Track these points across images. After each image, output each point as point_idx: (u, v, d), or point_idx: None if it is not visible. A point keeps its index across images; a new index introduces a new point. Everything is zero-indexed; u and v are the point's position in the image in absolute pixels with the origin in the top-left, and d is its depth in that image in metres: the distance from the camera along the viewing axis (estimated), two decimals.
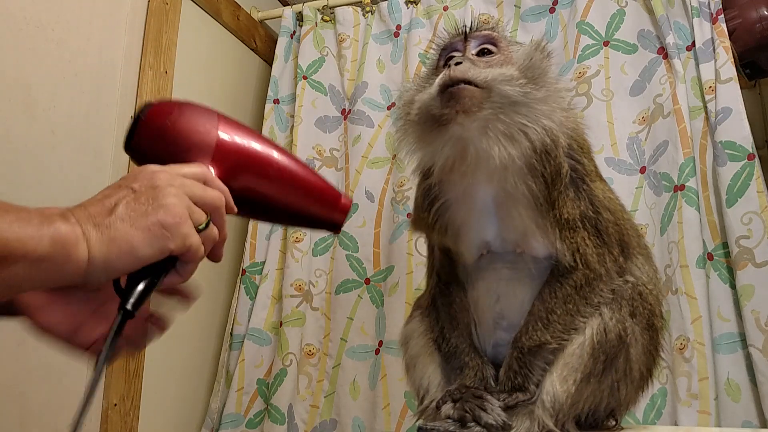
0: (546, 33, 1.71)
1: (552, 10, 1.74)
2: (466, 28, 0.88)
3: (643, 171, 1.52)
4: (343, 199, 0.70)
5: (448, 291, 0.92)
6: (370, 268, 1.72)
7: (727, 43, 1.46)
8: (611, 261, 0.83)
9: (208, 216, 0.57)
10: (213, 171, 0.62)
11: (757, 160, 1.37)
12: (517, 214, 0.82)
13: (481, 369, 0.86)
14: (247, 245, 1.83)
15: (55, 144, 1.30)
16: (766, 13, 1.56)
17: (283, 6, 2.15)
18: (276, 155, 0.67)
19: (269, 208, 0.67)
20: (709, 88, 1.45)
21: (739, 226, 1.34)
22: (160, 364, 1.57)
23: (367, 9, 1.93)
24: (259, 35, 2.07)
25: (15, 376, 1.18)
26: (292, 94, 1.95)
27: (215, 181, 0.60)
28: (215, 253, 0.61)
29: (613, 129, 1.56)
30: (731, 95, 1.42)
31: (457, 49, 0.88)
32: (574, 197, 0.82)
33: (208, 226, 0.57)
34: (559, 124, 0.81)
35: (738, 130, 1.39)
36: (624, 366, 0.82)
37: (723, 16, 1.50)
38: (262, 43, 2.09)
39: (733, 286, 1.35)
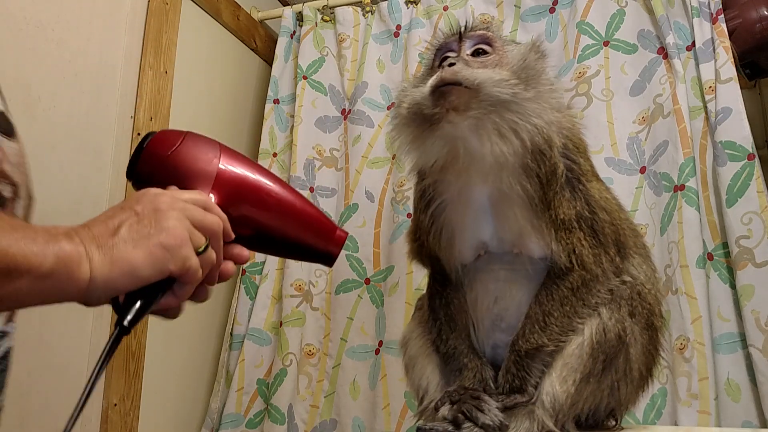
0: (546, 33, 1.71)
1: (552, 10, 1.74)
2: (461, 28, 0.89)
3: (643, 171, 1.52)
4: (338, 232, 0.72)
5: (446, 292, 0.92)
6: (370, 268, 1.72)
7: (727, 43, 1.46)
8: (608, 261, 0.83)
9: (207, 240, 0.59)
10: (213, 198, 0.64)
11: (757, 160, 1.37)
12: (512, 215, 0.82)
13: (480, 370, 0.86)
14: None
15: (55, 144, 1.30)
16: (766, 13, 1.55)
17: (283, 6, 2.15)
18: (274, 186, 0.69)
19: (266, 237, 0.69)
20: (709, 88, 1.45)
21: (739, 226, 1.34)
22: (160, 364, 1.57)
23: (367, 9, 1.93)
24: (259, 35, 2.07)
25: (15, 376, 1.17)
26: (292, 94, 1.95)
27: (215, 208, 0.62)
28: (211, 277, 0.62)
29: (613, 129, 1.56)
30: (731, 95, 1.42)
31: (452, 49, 0.88)
32: (570, 197, 0.82)
33: (206, 249, 0.59)
34: (550, 123, 0.80)
35: (738, 130, 1.39)
36: (624, 366, 0.82)
37: (723, 16, 1.50)
38: (262, 43, 2.09)
39: (733, 286, 1.35)
